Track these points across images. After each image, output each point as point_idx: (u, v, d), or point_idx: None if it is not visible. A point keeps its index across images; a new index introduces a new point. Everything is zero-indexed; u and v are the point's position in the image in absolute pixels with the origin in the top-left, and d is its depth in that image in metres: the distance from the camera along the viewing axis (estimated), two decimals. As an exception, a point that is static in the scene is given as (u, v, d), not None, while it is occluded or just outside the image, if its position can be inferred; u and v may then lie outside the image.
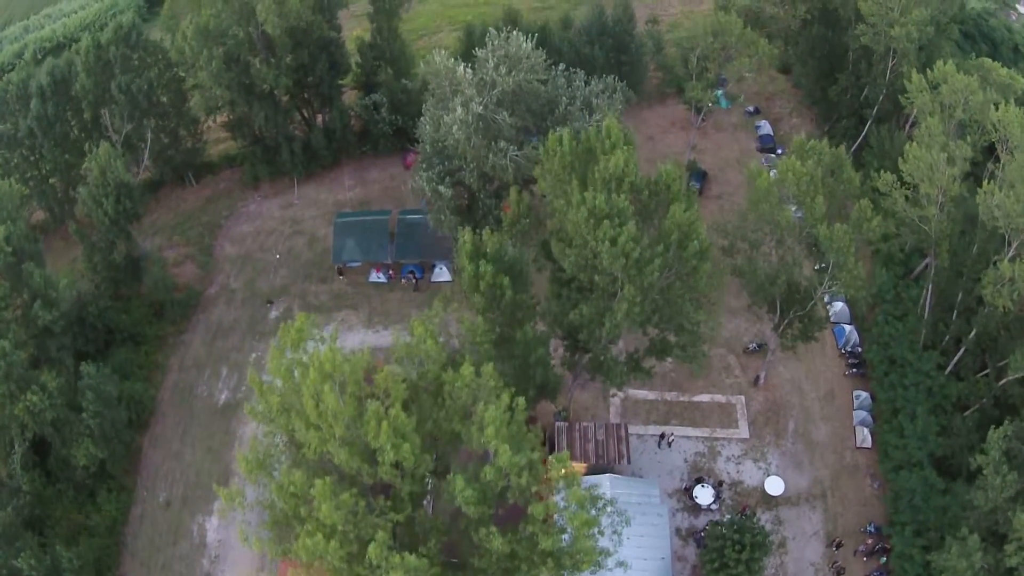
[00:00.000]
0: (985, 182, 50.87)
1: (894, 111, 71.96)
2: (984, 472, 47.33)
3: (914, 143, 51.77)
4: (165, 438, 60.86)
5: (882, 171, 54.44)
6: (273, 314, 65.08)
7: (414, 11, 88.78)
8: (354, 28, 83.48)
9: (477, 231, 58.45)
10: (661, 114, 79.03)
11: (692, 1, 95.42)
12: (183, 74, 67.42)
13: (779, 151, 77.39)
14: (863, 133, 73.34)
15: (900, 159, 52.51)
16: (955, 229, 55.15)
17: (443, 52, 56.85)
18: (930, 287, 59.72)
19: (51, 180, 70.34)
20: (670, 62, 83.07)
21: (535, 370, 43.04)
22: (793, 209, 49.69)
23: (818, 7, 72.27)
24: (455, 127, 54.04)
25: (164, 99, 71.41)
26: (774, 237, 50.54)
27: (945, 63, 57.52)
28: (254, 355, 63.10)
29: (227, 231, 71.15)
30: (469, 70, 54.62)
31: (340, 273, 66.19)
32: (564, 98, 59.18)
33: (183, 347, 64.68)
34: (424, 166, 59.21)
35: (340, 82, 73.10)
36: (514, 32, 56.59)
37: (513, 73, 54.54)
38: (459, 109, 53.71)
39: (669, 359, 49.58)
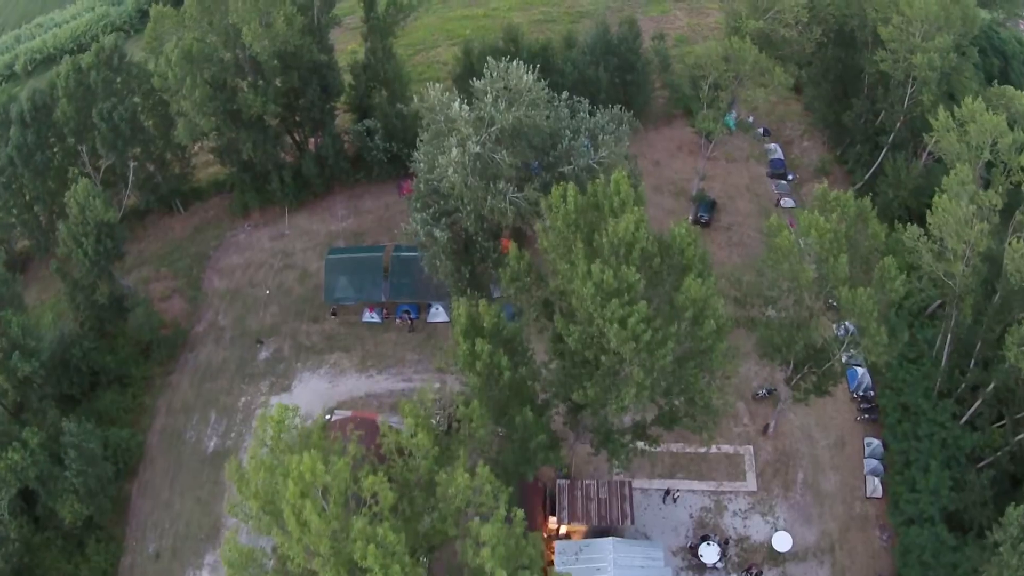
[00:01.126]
0: (1013, 239, 46.62)
1: (911, 138, 67.49)
2: (1000, 549, 43.91)
3: (943, 195, 47.32)
4: (154, 486, 57.33)
5: (909, 223, 50.11)
6: (263, 355, 61.19)
7: (411, 24, 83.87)
8: (349, 42, 78.63)
9: (473, 293, 55.05)
10: (668, 137, 74.44)
11: (699, 13, 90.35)
12: (168, 98, 62.89)
13: (790, 176, 72.97)
14: (878, 160, 68.89)
15: (928, 211, 48.14)
16: (979, 281, 50.98)
17: (437, 86, 52.28)
18: (949, 336, 55.68)
19: (35, 208, 66.29)
20: (677, 81, 78.30)
21: (535, 455, 39.18)
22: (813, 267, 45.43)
23: (834, 29, 67.43)
24: (450, 169, 49.67)
25: (149, 124, 67.07)
26: (792, 295, 46.37)
27: (973, 100, 52.94)
28: (243, 399, 59.37)
29: (216, 263, 67.01)
30: (465, 106, 50.10)
31: (333, 313, 62.14)
32: (568, 132, 54.75)
33: (171, 389, 60.90)
34: (418, 205, 54.90)
35: (333, 105, 68.55)
36: (513, 63, 51.99)
37: (513, 108, 50.06)
38: (454, 151, 49.29)
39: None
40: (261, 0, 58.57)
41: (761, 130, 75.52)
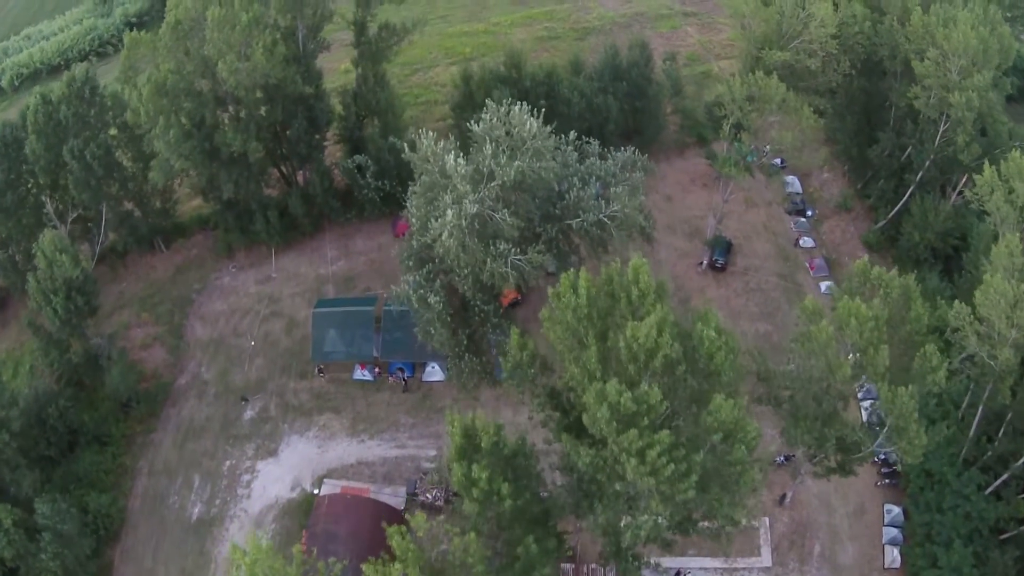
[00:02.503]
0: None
1: (939, 176, 61.15)
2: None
3: (995, 275, 41.15)
4: (136, 553, 52.12)
5: (956, 301, 43.97)
6: (248, 414, 55.58)
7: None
8: (343, 59, 71.66)
9: (471, 358, 49.16)
10: (681, 169, 68.01)
11: (710, 29, 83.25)
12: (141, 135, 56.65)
13: (809, 213, 66.70)
14: (903, 199, 62.58)
15: (976, 293, 42.02)
16: (1021, 359, 45.14)
17: (431, 134, 45.90)
18: (981, 409, 49.93)
19: (9, 248, 60.30)
20: (690, 106, 71.63)
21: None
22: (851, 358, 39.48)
23: (861, 58, 60.72)
24: (444, 232, 43.57)
25: (127, 158, 60.73)
26: (824, 385, 40.52)
27: (1022, 155, 46.61)
28: (228, 463, 53.88)
29: (199, 308, 61.09)
30: (462, 160, 43.79)
31: (320, 371, 56.30)
32: (576, 179, 48.49)
33: (153, 448, 55.40)
34: (410, 263, 48.88)
35: (321, 137, 62.03)
36: (516, 106, 45.61)
37: (516, 159, 43.84)
38: (449, 213, 43.13)
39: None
40: (238, 29, 52.07)
41: (778, 161, 69.09)
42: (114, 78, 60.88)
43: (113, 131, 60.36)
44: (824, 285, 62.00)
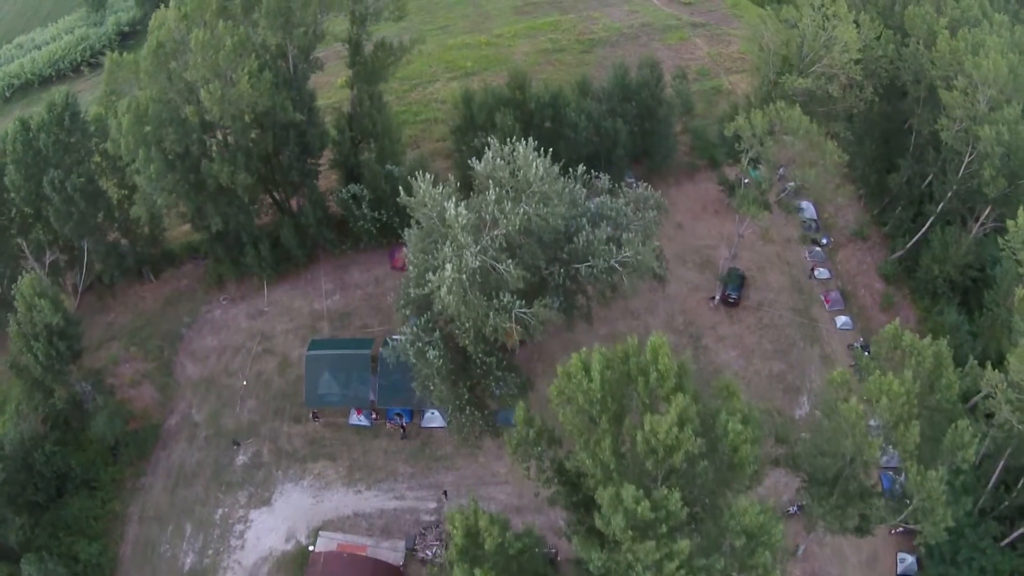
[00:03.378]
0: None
1: (961, 207, 57.00)
2: None
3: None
4: (127, 605, 48.89)
5: (987, 364, 40.17)
6: (240, 459, 51.90)
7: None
8: (340, 72, 66.98)
9: (472, 412, 45.42)
10: (691, 194, 63.76)
11: (720, 41, 78.54)
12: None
13: (824, 240, 62.60)
14: (922, 230, 58.48)
15: (1010, 359, 38.23)
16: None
17: (428, 177, 41.76)
18: (1002, 464, 46.36)
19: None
20: (701, 127, 67.25)
21: None
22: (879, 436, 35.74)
23: (884, 83, 56.39)
24: (443, 288, 39.64)
25: (111, 186, 56.59)
26: (848, 459, 36.87)
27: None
28: (220, 511, 50.27)
29: (189, 344, 57.22)
30: (462, 209, 39.67)
31: (315, 416, 52.57)
32: (585, 221, 44.43)
33: (143, 493, 51.78)
34: (407, 311, 45.00)
35: (314, 164, 57.75)
36: (521, 144, 41.47)
37: (522, 204, 39.81)
38: (448, 267, 39.14)
39: None
40: (221, 55, 47.68)
41: (793, 184, 64.90)
42: (95, 101, 56.48)
43: (97, 157, 56.29)
44: (840, 320, 58.16)
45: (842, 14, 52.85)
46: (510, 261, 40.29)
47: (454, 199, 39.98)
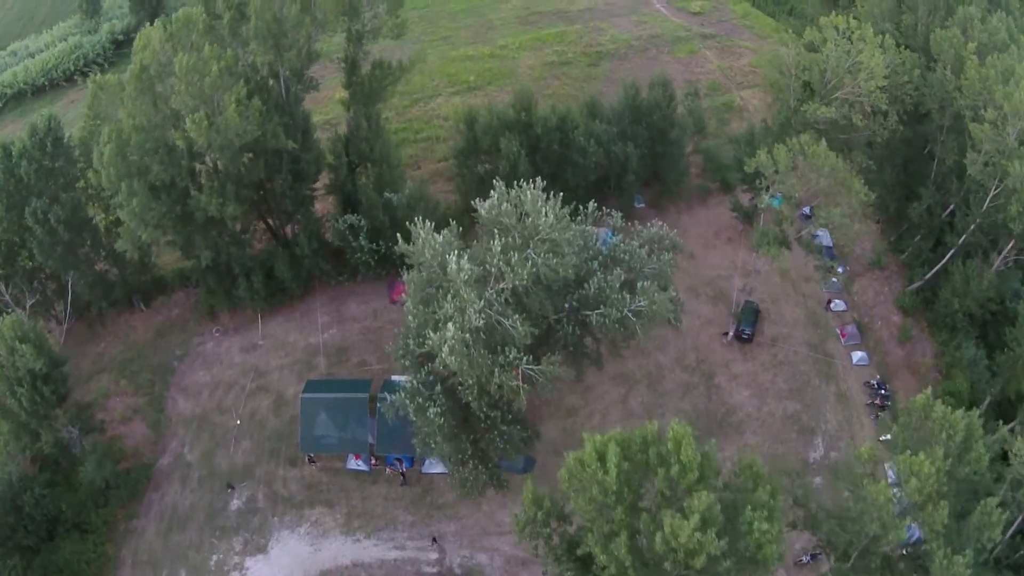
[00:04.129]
0: None
1: (984, 239, 53.09)
2: None
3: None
4: (121, 655, 45.82)
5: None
6: (235, 503, 48.48)
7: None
8: (338, 87, 62.75)
9: (476, 466, 41.89)
10: (703, 220, 59.70)
11: (731, 53, 74.10)
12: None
13: (840, 269, 58.67)
14: (942, 261, 54.64)
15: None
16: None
17: (428, 224, 37.90)
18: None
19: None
20: (713, 148, 63.10)
21: None
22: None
23: (908, 109, 52.31)
24: (445, 348, 35.95)
25: (98, 211, 52.78)
26: (870, 538, 33.44)
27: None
28: (215, 557, 46.93)
29: (180, 378, 53.63)
30: (465, 262, 35.87)
31: (311, 459, 49.11)
32: (596, 265, 40.64)
33: (136, 536, 48.38)
34: (406, 362, 41.30)
35: (309, 191, 53.78)
36: (529, 187, 37.56)
37: (530, 252, 36.02)
38: (451, 327, 35.44)
39: None
40: (207, 82, 43.61)
41: (808, 211, 60.90)
42: (79, 128, 52.43)
43: (82, 183, 52.39)
44: (856, 356, 54.43)
45: (868, 38, 48.75)
46: (517, 317, 36.59)
47: (456, 252, 36.12)
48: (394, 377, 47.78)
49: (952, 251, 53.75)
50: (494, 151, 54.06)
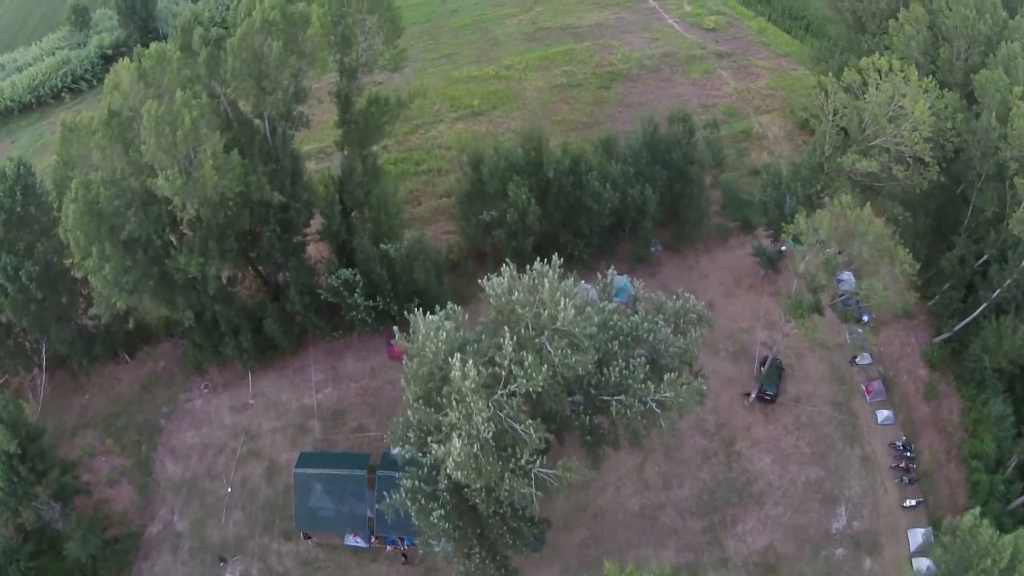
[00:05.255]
0: None
1: (1018, 294, 47.25)
2: None
3: None
4: None
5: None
6: (225, 579, 43.67)
7: (406, 89, 61.32)
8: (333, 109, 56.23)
9: (484, 560, 36.61)
10: (723, 264, 53.64)
11: (747, 74, 67.25)
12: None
13: (866, 318, 52.86)
14: (972, 315, 48.89)
15: None
16: None
17: (431, 318, 32.12)
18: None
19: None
20: (733, 183, 56.77)
21: None
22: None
23: (949, 156, 46.10)
24: (450, 462, 30.46)
25: (76, 262, 46.72)
26: None
27: None
28: (204, 640, 42.27)
29: (168, 439, 48.18)
30: (471, 367, 30.17)
31: (306, 535, 43.95)
32: (617, 347, 34.96)
33: (124, 610, 43.71)
34: (405, 453, 35.83)
35: (301, 239, 47.71)
36: (547, 276, 31.75)
37: (545, 365, 30.39)
38: (456, 441, 29.92)
39: None
40: (179, 135, 37.32)
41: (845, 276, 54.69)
42: (52, 167, 46.04)
43: (58, 230, 46.35)
44: (881, 415, 49.02)
45: (912, 82, 42.32)
46: (530, 422, 31.07)
47: (460, 355, 30.35)
48: (394, 450, 42.45)
49: (984, 305, 48.13)
50: (501, 196, 47.97)
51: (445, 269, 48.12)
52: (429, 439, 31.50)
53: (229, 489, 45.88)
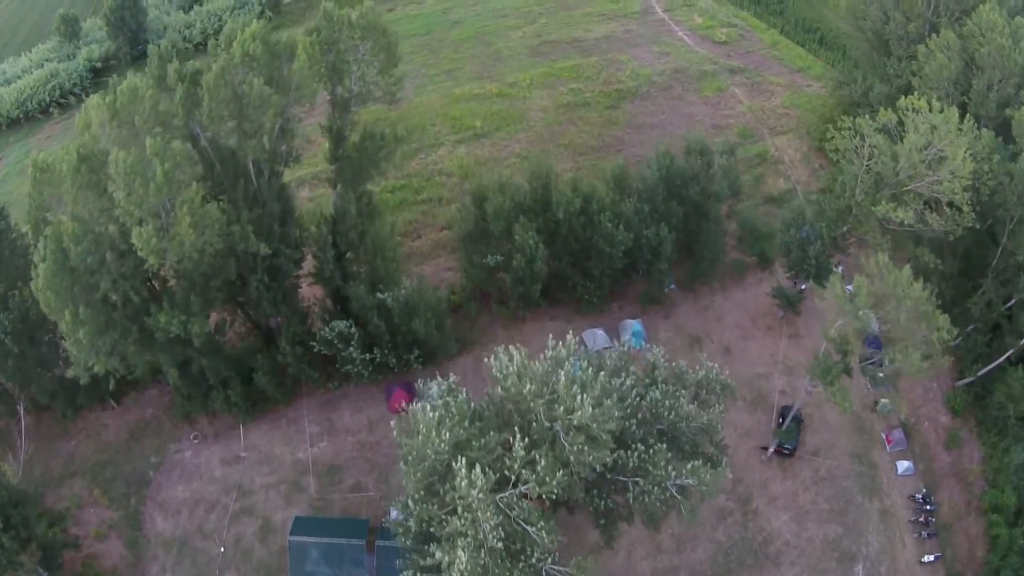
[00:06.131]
0: None
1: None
2: None
3: None
4: None
5: None
6: (219, 650, 40.12)
7: (405, 109, 56.47)
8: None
9: None
10: (740, 303, 49.20)
11: (760, 92, 62.15)
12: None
13: (887, 362, 48.66)
14: (999, 360, 44.87)
15: None
16: None
17: (431, 415, 27.88)
18: None
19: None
20: (750, 215, 52.02)
21: None
22: None
23: (983, 199, 41.53)
24: (455, 573, 26.54)
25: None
26: None
27: None
28: None
29: (157, 492, 44.22)
30: (479, 474, 26.06)
31: (303, 606, 40.37)
32: (636, 427, 30.95)
33: None
34: (406, 540, 31.91)
35: (295, 277, 43.39)
36: (562, 369, 27.60)
37: (560, 471, 26.32)
38: (462, 554, 25.97)
39: None
40: (151, 189, 32.70)
41: (851, 287, 50.46)
42: (27, 220, 41.41)
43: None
44: (901, 466, 45.20)
45: (952, 121, 37.65)
46: (542, 524, 27.12)
47: (464, 459, 26.25)
48: (393, 514, 38.58)
49: (1011, 351, 44.10)
50: (506, 238, 43.48)
51: (447, 315, 43.77)
52: (431, 538, 27.53)
53: (222, 549, 42.08)
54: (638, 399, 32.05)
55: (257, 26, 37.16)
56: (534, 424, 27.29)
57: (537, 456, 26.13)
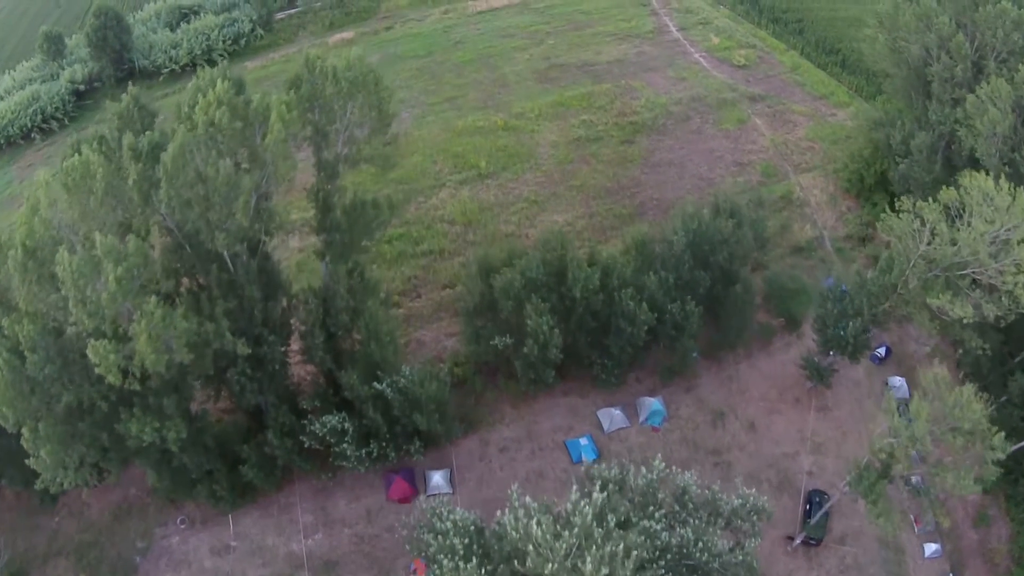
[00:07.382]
0: None
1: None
2: None
3: None
4: None
5: None
6: None
7: (405, 145, 49.77)
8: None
9: None
10: (766, 372, 43.48)
11: (782, 122, 55.43)
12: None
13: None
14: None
15: None
16: None
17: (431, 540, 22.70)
18: None
19: None
20: (776, 265, 46.07)
21: None
22: None
23: None
24: None
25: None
26: None
27: None
28: None
29: (144, 581, 39.76)
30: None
31: None
32: (662, 569, 25.96)
33: None
34: None
35: (283, 354, 37.50)
36: (584, 504, 22.38)
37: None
38: None
39: None
40: (103, 298, 26.98)
41: (883, 351, 44.90)
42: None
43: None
44: (929, 549, 40.37)
45: (1020, 204, 31.50)
46: None
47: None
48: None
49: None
50: (515, 318, 37.66)
51: (450, 399, 38.22)
52: None
53: (213, 652, 37.67)
54: (667, 536, 26.90)
55: (222, 88, 30.37)
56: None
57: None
